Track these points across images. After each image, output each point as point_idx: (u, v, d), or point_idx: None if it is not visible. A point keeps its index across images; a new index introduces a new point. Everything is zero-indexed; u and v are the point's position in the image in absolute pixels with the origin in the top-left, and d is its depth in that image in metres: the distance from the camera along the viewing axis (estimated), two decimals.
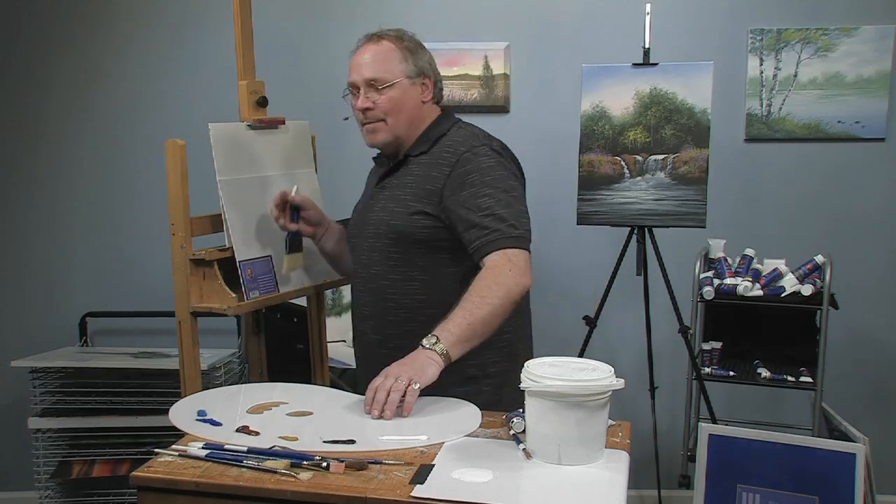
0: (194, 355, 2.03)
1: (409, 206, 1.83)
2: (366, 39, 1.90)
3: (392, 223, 1.84)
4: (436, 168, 1.83)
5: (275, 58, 2.94)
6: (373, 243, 1.89)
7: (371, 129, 1.89)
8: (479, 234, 1.74)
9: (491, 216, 1.74)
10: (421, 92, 1.90)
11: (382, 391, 1.56)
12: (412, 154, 1.89)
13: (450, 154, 1.83)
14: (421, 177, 1.84)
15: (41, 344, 3.17)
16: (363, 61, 1.87)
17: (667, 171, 2.73)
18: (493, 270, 1.70)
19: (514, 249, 1.72)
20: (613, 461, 1.39)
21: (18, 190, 3.34)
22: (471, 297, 1.67)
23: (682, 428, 2.96)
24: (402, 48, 1.87)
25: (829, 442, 1.72)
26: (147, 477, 1.32)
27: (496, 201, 1.75)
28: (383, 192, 1.92)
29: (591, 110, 2.78)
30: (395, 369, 1.60)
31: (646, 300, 2.90)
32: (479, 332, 1.66)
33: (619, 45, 3.03)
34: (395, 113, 1.86)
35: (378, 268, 1.88)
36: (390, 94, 1.85)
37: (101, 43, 3.27)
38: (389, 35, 1.89)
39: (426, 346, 1.62)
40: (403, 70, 1.86)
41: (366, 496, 1.24)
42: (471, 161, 1.81)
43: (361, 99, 1.86)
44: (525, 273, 1.72)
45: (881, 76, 3.06)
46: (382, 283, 1.87)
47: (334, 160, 3.02)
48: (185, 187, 1.99)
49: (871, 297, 3.19)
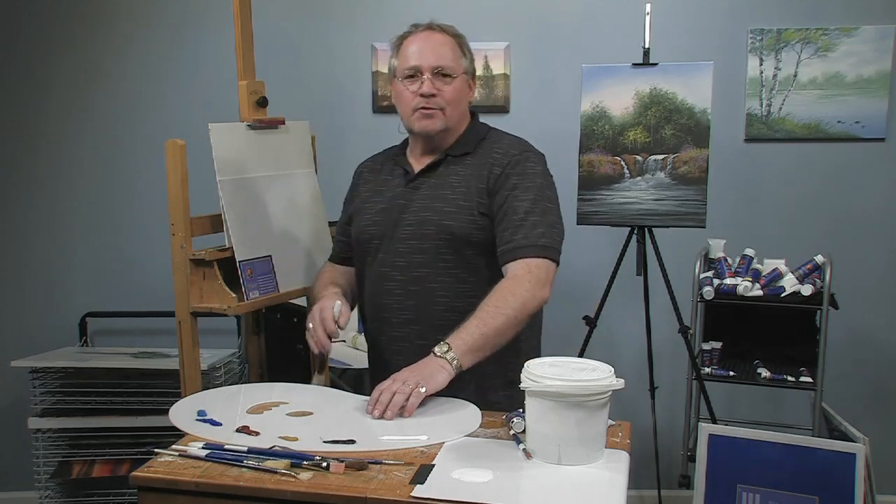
0: (194, 355, 2.03)
1: (460, 205, 1.80)
2: (423, 28, 1.88)
3: (444, 223, 1.80)
4: (485, 167, 1.82)
5: (275, 58, 2.95)
6: (415, 245, 1.82)
7: (429, 113, 1.84)
8: (508, 238, 1.74)
9: (525, 222, 1.74)
10: (469, 91, 1.91)
11: (387, 392, 1.56)
12: (454, 153, 1.87)
13: (501, 155, 1.84)
14: (470, 176, 1.83)
15: (41, 344, 3.17)
16: (429, 48, 1.84)
17: (667, 171, 2.73)
18: (511, 281, 1.70)
19: (539, 259, 1.72)
20: (613, 461, 1.39)
21: (18, 190, 3.34)
22: (486, 306, 1.66)
23: (682, 428, 2.96)
24: (460, 44, 1.89)
25: (829, 442, 1.72)
26: (147, 477, 1.32)
27: (532, 207, 1.76)
28: (419, 192, 1.86)
29: (591, 110, 2.77)
30: (404, 374, 1.60)
31: (646, 300, 2.90)
32: (492, 343, 1.65)
33: (619, 45, 3.03)
34: (454, 105, 1.85)
35: (425, 270, 1.82)
36: (455, 84, 1.85)
37: (101, 43, 3.27)
38: (449, 29, 1.90)
39: (437, 354, 1.62)
40: (464, 65, 1.88)
41: (366, 496, 1.24)
42: (520, 164, 1.82)
43: (427, 84, 1.82)
44: (544, 286, 1.71)
45: (881, 76, 3.06)
46: (431, 285, 1.81)
47: (334, 160, 3.02)
48: (185, 187, 1.99)
49: (871, 297, 3.19)
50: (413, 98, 1.84)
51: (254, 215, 2.10)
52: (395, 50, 1.90)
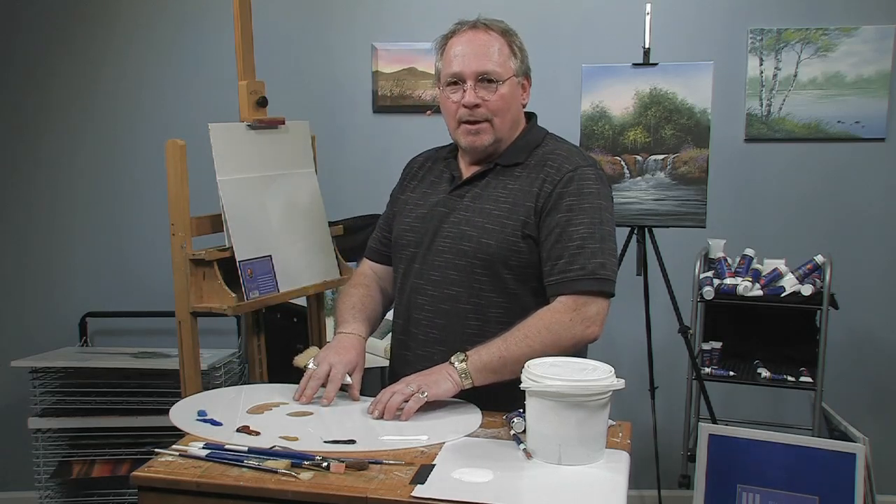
0: (194, 355, 2.03)
1: (503, 224, 1.65)
2: (468, 27, 1.71)
3: (483, 241, 1.65)
4: (536, 183, 1.67)
5: (275, 58, 2.94)
6: (450, 260, 1.69)
7: (475, 129, 1.69)
8: (562, 268, 1.60)
9: (581, 250, 1.60)
10: (522, 93, 1.77)
11: (388, 392, 1.56)
12: (504, 163, 1.72)
13: (553, 171, 1.67)
14: (518, 192, 1.67)
15: (41, 344, 3.16)
16: (472, 51, 1.67)
17: (667, 171, 2.73)
18: (552, 313, 1.59)
19: (590, 296, 1.59)
20: (613, 461, 1.39)
21: (18, 190, 3.34)
22: (516, 331, 1.57)
23: (682, 428, 2.96)
24: (510, 42, 1.72)
25: (829, 442, 1.72)
26: (147, 477, 1.32)
27: (591, 233, 1.61)
28: (462, 202, 1.72)
29: (590, 110, 2.77)
30: (411, 377, 1.60)
31: (646, 300, 2.90)
32: (509, 369, 1.53)
33: (619, 45, 3.03)
34: (503, 113, 1.70)
35: (457, 289, 1.68)
36: (502, 91, 1.68)
37: (101, 43, 3.26)
38: (496, 26, 1.72)
39: (452, 363, 1.59)
40: (513, 67, 1.71)
41: (366, 496, 1.24)
42: (574, 182, 1.65)
43: (469, 93, 1.66)
44: (591, 324, 1.58)
45: (881, 76, 3.06)
46: (463, 306, 1.68)
47: (334, 160, 3.03)
48: (185, 187, 1.99)
49: (871, 297, 3.19)
50: (457, 108, 1.69)
51: (254, 215, 2.10)
52: (440, 52, 1.75)
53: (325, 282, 2.29)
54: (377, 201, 2.67)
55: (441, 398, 1.57)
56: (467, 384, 1.57)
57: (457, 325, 1.69)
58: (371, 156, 3.24)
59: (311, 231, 2.29)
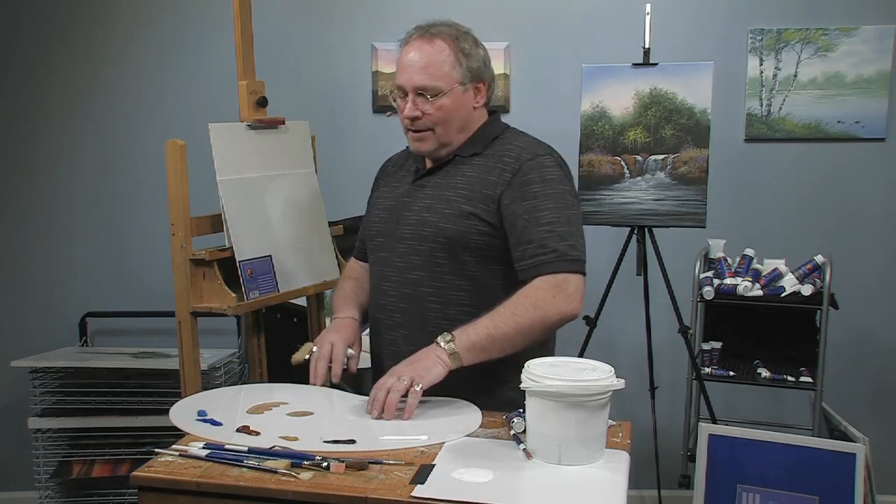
0: (194, 355, 2.03)
1: (460, 209, 1.70)
2: (417, 35, 1.74)
3: (442, 226, 1.70)
4: (494, 172, 1.71)
5: (275, 58, 2.95)
6: (413, 246, 1.74)
7: (417, 137, 1.75)
8: (534, 252, 1.64)
9: (551, 234, 1.64)
10: (474, 97, 1.77)
11: (383, 391, 1.55)
12: (463, 154, 1.77)
13: (511, 159, 1.71)
14: (475, 179, 1.72)
15: (41, 344, 3.17)
16: (413, 64, 1.71)
17: (667, 171, 2.74)
18: (536, 291, 1.61)
19: (567, 274, 1.62)
20: (613, 461, 1.39)
21: (18, 190, 3.34)
22: (502, 309, 1.60)
23: (682, 428, 2.96)
24: (457, 50, 1.73)
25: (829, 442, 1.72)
26: (147, 477, 1.32)
27: (557, 217, 1.65)
28: (423, 191, 1.78)
29: (590, 110, 2.78)
30: (401, 368, 1.59)
31: (646, 300, 2.90)
32: (498, 347, 1.59)
33: (619, 45, 3.03)
34: (444, 123, 1.73)
35: (419, 273, 1.73)
36: (441, 103, 1.72)
37: (101, 43, 3.27)
38: (443, 33, 1.74)
39: (439, 344, 1.59)
40: (457, 76, 1.72)
41: (366, 496, 1.24)
42: (534, 170, 1.69)
43: (409, 107, 1.72)
44: (572, 300, 1.62)
45: (881, 76, 3.06)
46: (423, 290, 1.73)
47: (334, 160, 3.02)
48: (185, 187, 1.99)
49: (871, 297, 3.19)
50: (405, 119, 1.76)
51: (254, 215, 2.10)
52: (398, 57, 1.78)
53: (325, 282, 2.29)
54: None
55: (434, 383, 1.56)
56: (456, 365, 1.58)
57: (419, 308, 1.73)
58: (371, 156, 3.19)
59: (311, 231, 2.29)
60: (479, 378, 1.64)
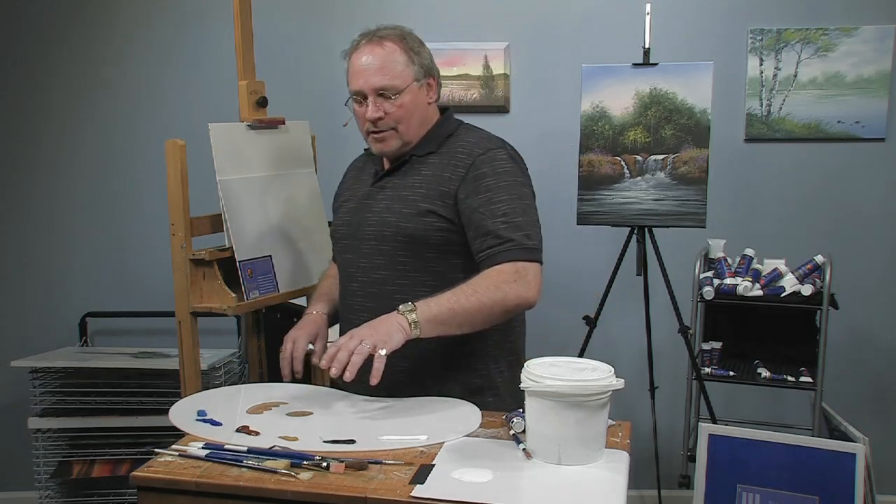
0: (194, 355, 2.03)
1: (419, 207, 1.74)
2: (365, 40, 1.79)
3: (402, 225, 1.74)
4: (448, 169, 1.75)
5: (275, 58, 2.95)
6: (376, 246, 1.78)
7: (380, 137, 1.79)
8: (492, 243, 1.67)
9: (506, 224, 1.67)
10: (427, 93, 1.82)
11: (345, 351, 1.53)
12: (417, 154, 1.81)
13: (464, 155, 1.76)
14: (431, 177, 1.76)
15: (41, 344, 3.17)
16: (369, 67, 1.75)
17: (667, 171, 2.73)
18: (497, 274, 1.64)
19: (526, 262, 1.65)
20: (613, 461, 1.39)
21: (18, 190, 3.34)
22: (465, 287, 1.62)
23: (682, 428, 2.96)
24: (407, 49, 1.78)
25: (829, 442, 1.72)
26: (147, 477, 1.32)
27: (512, 208, 1.69)
28: (383, 192, 1.82)
29: (591, 110, 2.77)
30: (362, 331, 1.57)
31: (646, 300, 2.90)
32: (458, 321, 1.61)
33: (619, 45, 3.03)
34: (406, 120, 1.78)
35: (383, 272, 1.77)
36: (401, 101, 1.76)
37: (101, 43, 3.27)
38: (390, 35, 1.79)
39: (400, 311, 1.59)
40: (411, 73, 1.77)
41: (366, 496, 1.24)
42: (487, 164, 1.73)
43: (371, 108, 1.76)
44: (531, 287, 1.64)
45: (881, 76, 3.06)
46: (388, 288, 1.76)
47: (334, 160, 3.01)
48: (185, 187, 1.99)
49: (871, 297, 3.19)
50: (364, 121, 1.80)
51: (254, 215, 2.10)
52: (346, 66, 1.82)
53: None
54: None
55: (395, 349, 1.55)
56: (415, 334, 1.58)
57: (385, 307, 1.70)
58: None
59: (311, 231, 2.29)
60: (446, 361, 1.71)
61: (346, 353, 1.53)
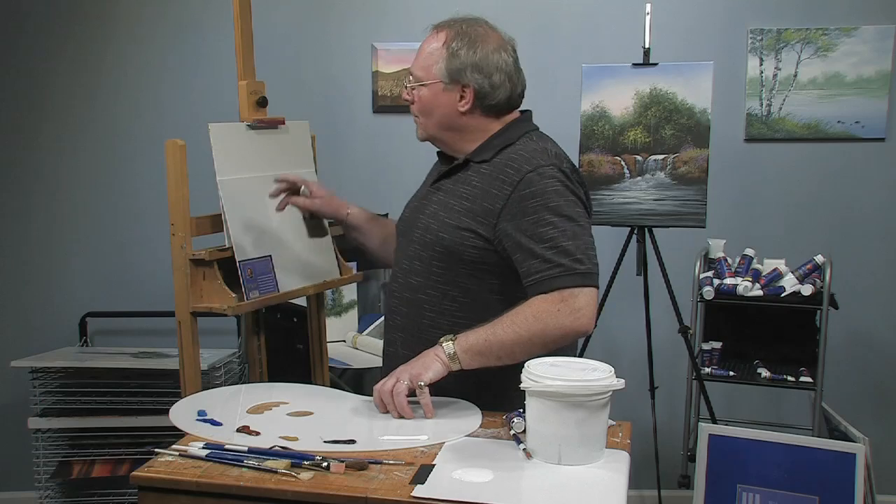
0: (194, 355, 2.03)
1: (460, 221, 1.67)
2: (439, 24, 1.79)
3: (441, 235, 1.69)
4: (496, 184, 1.66)
5: (275, 58, 2.95)
6: (417, 251, 1.74)
7: (416, 122, 1.81)
8: (540, 267, 1.58)
9: (554, 249, 1.58)
10: (458, 100, 1.73)
11: (386, 395, 1.56)
12: (474, 160, 1.73)
13: (513, 171, 1.66)
14: (478, 190, 1.68)
15: (41, 344, 3.16)
16: (418, 49, 1.77)
17: (667, 171, 2.74)
18: (539, 304, 1.56)
19: (575, 288, 1.56)
20: (613, 461, 1.39)
21: (18, 190, 3.34)
22: (503, 318, 1.57)
23: (682, 428, 2.96)
24: (447, 48, 1.73)
25: (829, 442, 1.72)
26: (147, 477, 1.32)
27: (560, 232, 1.59)
28: (437, 195, 1.77)
29: (590, 110, 2.78)
30: (399, 370, 1.59)
31: (646, 300, 2.90)
32: (495, 354, 1.56)
33: (619, 45, 3.03)
34: (424, 114, 1.77)
35: (418, 279, 1.73)
36: (420, 93, 1.75)
37: (101, 43, 3.26)
38: (451, 27, 1.77)
39: (440, 343, 1.59)
40: (438, 72, 1.73)
41: (366, 496, 1.24)
42: (535, 183, 1.63)
43: (405, 89, 1.79)
44: (578, 315, 1.55)
45: (881, 76, 3.06)
46: (420, 296, 1.72)
47: (334, 160, 3.03)
48: (185, 187, 1.98)
49: (871, 297, 3.19)
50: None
51: (254, 215, 2.10)
52: None
53: (325, 282, 2.29)
54: (377, 201, 2.68)
55: (436, 379, 1.56)
56: (455, 367, 1.57)
57: (416, 314, 1.72)
58: (371, 156, 3.24)
59: (311, 231, 2.29)
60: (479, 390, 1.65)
61: (388, 398, 1.55)
